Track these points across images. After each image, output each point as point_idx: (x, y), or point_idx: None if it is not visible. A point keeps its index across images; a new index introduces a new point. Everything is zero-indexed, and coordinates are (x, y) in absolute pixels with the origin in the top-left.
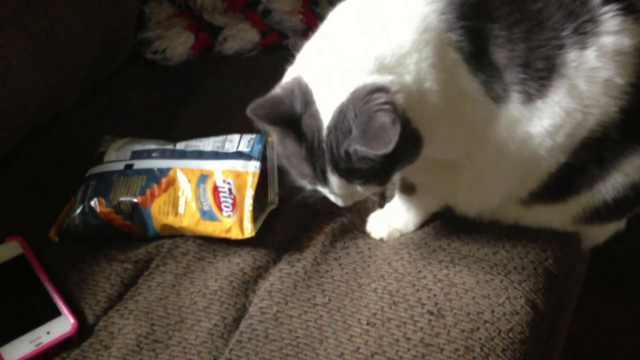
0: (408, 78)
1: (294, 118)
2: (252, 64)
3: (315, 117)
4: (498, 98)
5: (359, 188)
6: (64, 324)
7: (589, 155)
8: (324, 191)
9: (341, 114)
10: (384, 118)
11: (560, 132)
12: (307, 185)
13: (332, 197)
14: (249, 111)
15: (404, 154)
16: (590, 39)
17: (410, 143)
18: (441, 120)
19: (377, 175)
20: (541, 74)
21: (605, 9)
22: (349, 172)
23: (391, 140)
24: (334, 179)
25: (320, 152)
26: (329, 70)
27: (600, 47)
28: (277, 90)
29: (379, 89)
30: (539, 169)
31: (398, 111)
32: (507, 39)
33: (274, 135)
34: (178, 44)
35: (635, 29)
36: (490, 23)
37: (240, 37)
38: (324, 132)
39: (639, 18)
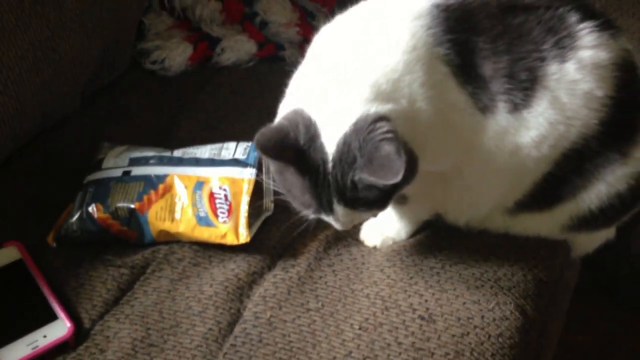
0: (404, 102)
1: (298, 152)
2: (249, 74)
3: (321, 150)
4: (485, 108)
5: (360, 215)
6: (60, 328)
7: (570, 166)
8: (327, 219)
9: (345, 145)
10: (389, 147)
11: (545, 143)
12: (310, 214)
13: (333, 223)
14: (256, 143)
15: (405, 177)
16: (569, 52)
17: (409, 164)
18: (431, 134)
19: (380, 201)
20: (525, 84)
21: (582, 25)
22: (355, 201)
23: (399, 170)
24: (339, 209)
25: (326, 184)
26: (329, 101)
27: (579, 61)
28: (283, 121)
29: (381, 118)
30: (524, 178)
31: (400, 138)
32: (491, 52)
33: (272, 167)
34: (177, 55)
35: (612, 44)
36: (475, 36)
37: (237, 48)
38: (330, 164)
39: (615, 34)
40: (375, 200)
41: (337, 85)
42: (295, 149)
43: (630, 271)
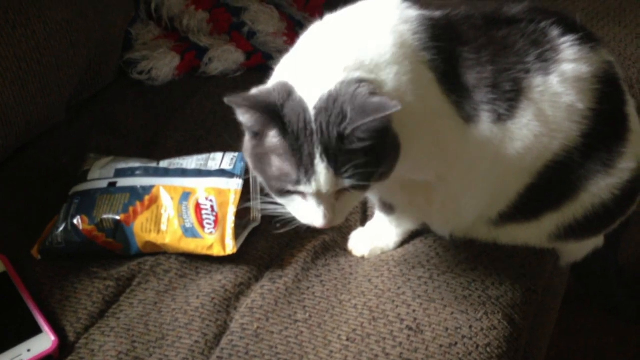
0: (390, 85)
1: (274, 108)
2: (237, 84)
3: (299, 102)
4: (469, 118)
5: (347, 182)
6: (44, 342)
7: (554, 177)
8: (307, 189)
9: (331, 98)
10: (380, 98)
11: (529, 154)
12: (286, 186)
13: (312, 211)
14: (227, 99)
15: (390, 150)
16: (552, 65)
17: (393, 144)
18: (417, 137)
19: (364, 166)
20: (509, 95)
21: (564, 39)
22: (339, 156)
23: (396, 105)
24: (321, 168)
25: (309, 133)
26: (310, 70)
27: (562, 74)
28: (254, 90)
29: (366, 81)
30: (508, 189)
31: None
32: (476, 62)
33: (246, 137)
34: (164, 65)
35: (592, 57)
36: (460, 46)
37: (225, 58)
38: (311, 112)
39: (596, 46)
40: (359, 162)
41: (319, 57)
42: (270, 104)
43: (619, 279)
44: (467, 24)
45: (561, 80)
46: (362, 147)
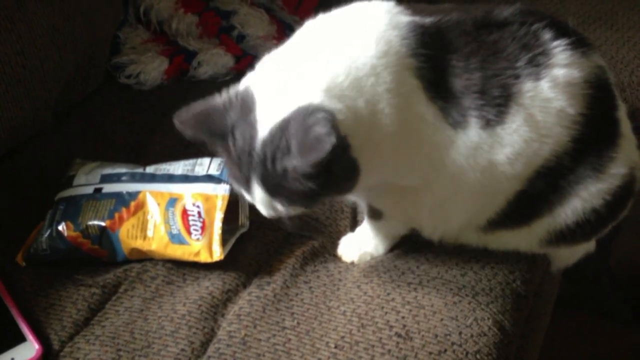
0: (361, 102)
1: (225, 128)
2: (226, 88)
3: (252, 125)
4: (456, 124)
5: (279, 207)
6: (28, 350)
7: (544, 183)
8: (249, 198)
9: (280, 130)
10: (320, 129)
11: (519, 160)
12: (235, 187)
13: (257, 205)
14: (175, 119)
15: (337, 180)
16: (544, 70)
17: (346, 171)
18: (390, 145)
19: (304, 198)
20: (498, 100)
21: (555, 43)
22: (276, 188)
23: (324, 148)
24: (257, 191)
25: (249, 160)
26: (280, 83)
27: (553, 79)
28: (216, 98)
29: (323, 110)
30: (497, 196)
31: (336, 128)
32: (464, 69)
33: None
34: (152, 69)
35: (584, 62)
36: (449, 53)
37: (214, 61)
38: (258, 142)
39: (587, 51)
40: (298, 195)
41: (293, 69)
42: (221, 126)
43: (612, 282)
44: (458, 30)
45: (552, 85)
46: (304, 185)
